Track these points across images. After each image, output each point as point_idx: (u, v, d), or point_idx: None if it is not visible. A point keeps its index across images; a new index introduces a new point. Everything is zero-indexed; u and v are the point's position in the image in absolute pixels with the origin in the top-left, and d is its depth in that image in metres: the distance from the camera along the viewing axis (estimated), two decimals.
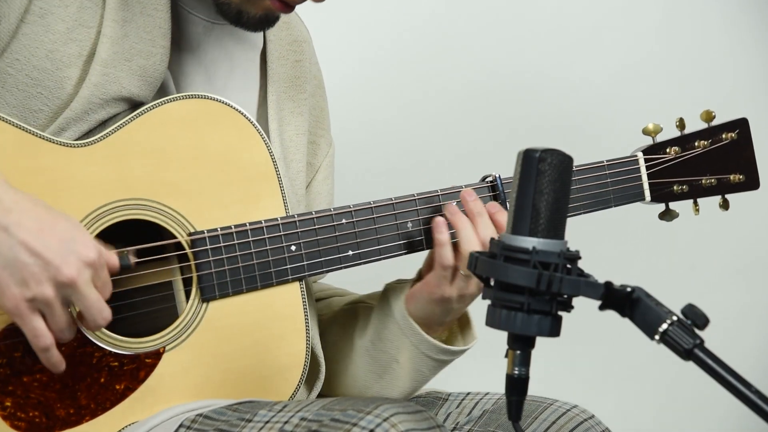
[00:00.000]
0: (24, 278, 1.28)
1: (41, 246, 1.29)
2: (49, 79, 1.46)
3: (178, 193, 1.47)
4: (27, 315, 1.30)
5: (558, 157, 1.18)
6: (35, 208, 1.31)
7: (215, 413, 1.44)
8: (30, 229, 1.29)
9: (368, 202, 1.59)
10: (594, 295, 1.18)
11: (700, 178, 1.84)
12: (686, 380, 2.10)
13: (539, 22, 2.71)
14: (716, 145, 1.85)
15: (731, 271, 2.89)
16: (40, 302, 1.30)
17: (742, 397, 1.12)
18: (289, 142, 1.69)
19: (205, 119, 1.50)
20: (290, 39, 1.74)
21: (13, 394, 1.38)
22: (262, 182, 1.53)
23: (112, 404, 1.43)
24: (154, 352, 1.45)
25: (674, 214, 1.85)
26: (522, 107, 2.70)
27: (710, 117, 1.86)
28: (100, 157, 1.44)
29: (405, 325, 1.61)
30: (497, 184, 1.66)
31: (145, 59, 1.51)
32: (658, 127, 1.82)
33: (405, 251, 1.62)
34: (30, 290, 1.29)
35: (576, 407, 1.59)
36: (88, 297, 1.32)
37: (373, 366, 1.66)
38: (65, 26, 1.47)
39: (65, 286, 1.30)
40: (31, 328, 1.31)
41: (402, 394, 1.66)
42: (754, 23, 2.79)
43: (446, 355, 1.64)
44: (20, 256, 1.28)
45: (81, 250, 1.31)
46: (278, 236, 1.53)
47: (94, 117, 1.48)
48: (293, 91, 1.72)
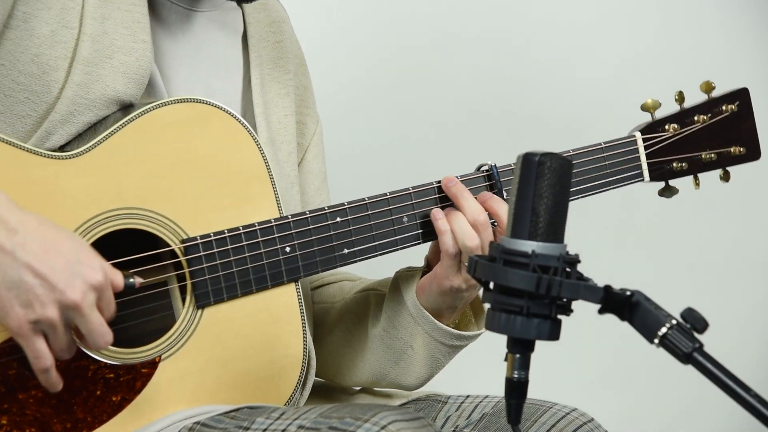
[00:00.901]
0: (29, 300, 1.27)
1: (46, 268, 1.28)
2: (35, 83, 1.44)
3: (170, 199, 1.45)
4: (30, 336, 1.29)
5: (557, 160, 1.17)
6: (41, 228, 1.30)
7: (213, 421, 1.43)
8: (35, 251, 1.28)
9: (362, 199, 1.57)
10: (593, 299, 1.17)
11: (700, 153, 1.81)
12: (686, 383, 2.10)
13: (541, 21, 2.69)
14: (716, 118, 1.82)
15: (731, 275, 2.88)
16: (43, 324, 1.29)
17: (741, 401, 1.11)
18: (278, 125, 1.67)
19: (195, 123, 1.48)
20: (269, 20, 1.72)
21: (9, 412, 1.37)
22: (254, 183, 1.51)
23: (109, 416, 1.42)
24: (150, 361, 1.44)
25: (674, 190, 1.83)
26: (520, 102, 2.69)
27: (710, 88, 1.83)
28: (90, 168, 1.42)
29: (417, 314, 1.61)
30: (493, 173, 1.63)
31: (126, 55, 1.49)
32: (657, 103, 1.79)
33: (401, 246, 1.60)
34: (34, 312, 1.28)
35: (575, 410, 1.58)
36: (91, 320, 1.31)
37: (388, 353, 1.65)
38: (49, 29, 1.45)
39: (69, 309, 1.29)
40: (33, 349, 1.30)
41: (419, 379, 1.66)
42: (754, 22, 2.75)
43: (460, 340, 1.64)
44: (25, 278, 1.27)
45: (87, 273, 1.30)
46: (272, 238, 1.51)
47: (81, 119, 1.45)
48: (277, 72, 1.70)
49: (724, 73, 2.72)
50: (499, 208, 1.57)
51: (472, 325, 1.69)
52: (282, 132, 1.67)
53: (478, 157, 1.68)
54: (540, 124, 2.66)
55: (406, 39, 2.60)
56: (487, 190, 1.64)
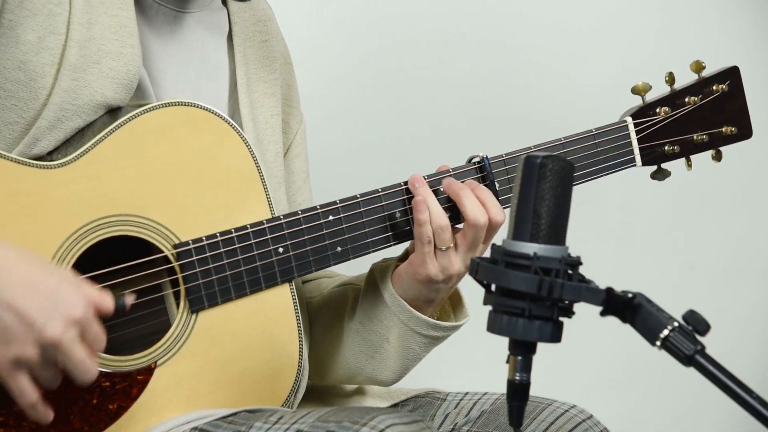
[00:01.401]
0: (8, 339, 1.25)
1: (26, 306, 1.26)
2: (23, 90, 1.41)
3: (161, 204, 1.43)
4: (11, 374, 1.27)
5: (559, 163, 1.17)
6: (20, 263, 1.27)
7: (210, 426, 1.42)
8: (16, 287, 1.26)
9: (355, 196, 1.55)
10: (595, 301, 1.17)
11: (692, 135, 1.80)
12: (686, 381, 2.10)
13: (539, 22, 2.67)
14: (707, 99, 1.81)
15: (732, 276, 2.88)
16: (24, 362, 1.27)
17: (742, 402, 1.11)
18: (264, 125, 1.65)
19: (183, 126, 1.46)
20: (254, 20, 1.70)
21: (5, 425, 1.35)
22: (245, 185, 1.49)
23: (106, 425, 1.40)
24: (145, 368, 1.42)
25: (666, 173, 1.82)
26: (516, 104, 2.67)
27: (700, 67, 1.82)
28: (79, 176, 1.40)
29: (393, 303, 1.59)
30: (485, 165, 1.62)
31: (114, 60, 1.46)
32: (647, 85, 1.78)
33: (395, 242, 1.58)
34: (12, 350, 1.26)
35: (574, 407, 1.58)
36: (73, 356, 1.28)
37: (364, 347, 1.64)
38: (35, 36, 1.42)
39: (49, 346, 1.27)
40: (16, 386, 1.28)
41: (394, 373, 1.65)
42: (755, 22, 2.74)
43: (436, 330, 1.62)
44: (4, 317, 1.25)
45: (66, 309, 1.27)
46: (265, 240, 1.49)
47: (69, 125, 1.43)
48: (263, 71, 1.68)
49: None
50: (486, 198, 1.56)
51: (450, 318, 1.67)
52: (269, 132, 1.65)
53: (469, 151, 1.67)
54: (536, 126, 2.65)
55: (402, 40, 2.59)
56: (479, 181, 1.62)
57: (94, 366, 1.31)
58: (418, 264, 1.56)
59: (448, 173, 1.61)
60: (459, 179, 1.60)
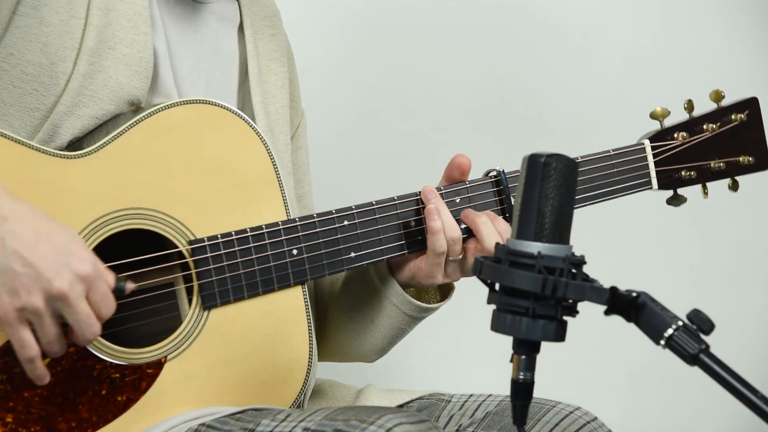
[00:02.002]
0: (15, 288, 1.27)
1: (35, 257, 1.28)
2: (44, 74, 1.44)
3: (177, 200, 1.45)
4: (15, 324, 1.29)
5: (563, 161, 1.17)
6: (33, 218, 1.30)
7: (218, 422, 1.42)
8: (25, 240, 1.28)
9: (370, 202, 1.57)
10: (599, 300, 1.17)
11: (709, 162, 1.81)
12: (690, 382, 2.08)
13: (544, 23, 2.69)
14: (725, 127, 1.82)
15: (738, 275, 2.87)
16: (29, 312, 1.29)
17: (748, 402, 1.11)
18: (275, 115, 1.69)
19: (203, 124, 1.48)
20: (263, 14, 1.74)
21: (14, 410, 1.37)
22: (262, 185, 1.51)
23: (114, 416, 1.42)
24: (155, 362, 1.44)
25: (682, 199, 1.82)
26: (526, 105, 2.68)
27: (719, 97, 1.83)
28: (99, 168, 1.42)
29: (391, 291, 1.64)
30: (501, 179, 1.63)
31: (128, 47, 1.49)
32: (666, 111, 1.79)
33: (408, 250, 1.60)
34: (20, 300, 1.28)
35: (579, 409, 1.58)
36: (78, 311, 1.31)
37: (351, 326, 1.69)
38: (59, 18, 1.45)
39: (56, 298, 1.29)
40: (18, 338, 1.30)
41: (379, 348, 1.70)
42: (754, 22, 2.75)
43: (426, 312, 1.67)
44: (13, 266, 1.27)
45: (75, 264, 1.30)
46: (280, 241, 1.51)
47: (86, 111, 1.45)
48: (273, 64, 1.72)
49: (729, 74, 2.73)
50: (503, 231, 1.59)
51: (435, 292, 1.72)
52: (279, 122, 1.69)
53: (482, 160, 1.68)
54: (545, 127, 2.66)
55: (409, 39, 2.60)
56: (494, 195, 1.64)
57: (97, 323, 1.32)
58: (426, 272, 1.60)
59: (464, 186, 1.62)
60: (474, 192, 1.63)
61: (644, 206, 2.43)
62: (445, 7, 2.62)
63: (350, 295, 1.69)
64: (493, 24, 2.64)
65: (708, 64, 2.74)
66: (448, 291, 1.70)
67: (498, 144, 2.58)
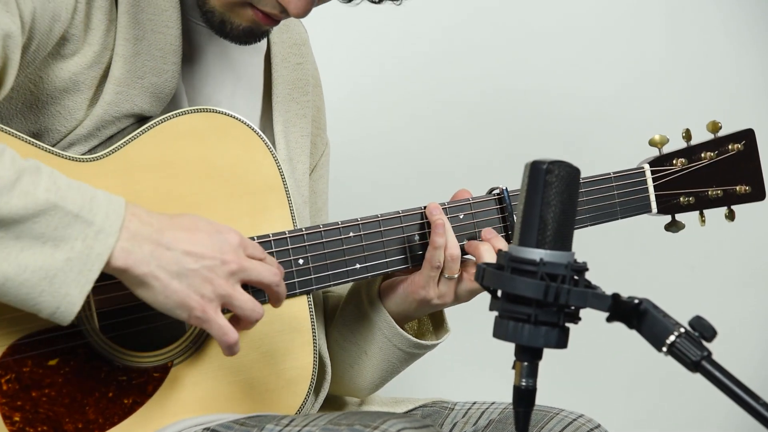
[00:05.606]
0: (198, 285, 1.33)
1: (199, 248, 1.34)
2: (69, 99, 1.46)
3: (185, 206, 1.47)
4: (214, 318, 1.34)
5: (565, 168, 1.18)
6: (172, 219, 1.35)
7: (222, 427, 1.44)
8: (183, 238, 1.34)
9: (376, 215, 1.60)
10: (601, 307, 1.18)
11: (707, 189, 1.84)
12: (693, 390, 2.09)
13: (547, 33, 2.72)
14: (722, 156, 1.86)
15: (739, 282, 2.88)
16: (222, 299, 1.35)
17: (750, 409, 1.12)
18: (295, 144, 1.71)
19: (212, 133, 1.51)
20: (291, 42, 1.76)
21: (22, 409, 1.38)
22: (269, 195, 1.54)
23: (120, 418, 1.43)
24: (162, 366, 1.46)
25: (680, 225, 1.86)
26: (529, 118, 2.71)
27: (717, 128, 1.86)
28: (108, 172, 1.44)
29: (379, 318, 1.64)
30: (504, 197, 1.66)
31: (156, 76, 1.52)
32: (665, 139, 1.83)
33: (411, 264, 1.62)
34: (210, 293, 1.34)
35: (582, 417, 1.59)
36: (254, 268, 1.38)
37: (343, 356, 1.69)
38: (92, 50, 1.47)
39: (235, 273, 1.36)
40: (218, 327, 1.35)
41: (372, 384, 1.70)
42: (758, 32, 2.80)
43: (418, 348, 1.67)
44: (188, 266, 1.33)
45: (228, 237, 1.37)
46: (286, 249, 1.53)
47: (105, 133, 1.48)
48: (297, 93, 1.74)
49: (728, 83, 2.76)
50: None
51: (430, 334, 1.73)
52: (298, 151, 1.71)
53: (485, 171, 1.71)
54: (545, 136, 2.69)
55: (416, 53, 2.63)
56: (497, 213, 1.67)
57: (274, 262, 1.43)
58: (420, 285, 1.61)
59: (468, 202, 1.65)
60: (478, 209, 1.65)
61: None
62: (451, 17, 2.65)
63: (344, 325, 1.70)
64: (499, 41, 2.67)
65: (712, 76, 2.76)
66: (443, 332, 1.71)
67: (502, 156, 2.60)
